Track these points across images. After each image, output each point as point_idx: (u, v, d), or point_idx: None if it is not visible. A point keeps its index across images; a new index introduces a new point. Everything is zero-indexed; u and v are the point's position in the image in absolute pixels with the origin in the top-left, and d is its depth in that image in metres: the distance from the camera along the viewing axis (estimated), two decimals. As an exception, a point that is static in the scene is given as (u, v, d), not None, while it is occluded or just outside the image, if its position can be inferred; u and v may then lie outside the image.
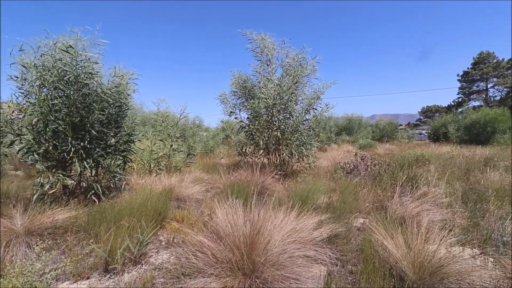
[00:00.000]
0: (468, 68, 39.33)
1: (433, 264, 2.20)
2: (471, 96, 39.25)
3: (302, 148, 6.95)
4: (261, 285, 2.10)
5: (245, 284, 2.11)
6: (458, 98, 40.51)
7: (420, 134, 33.02)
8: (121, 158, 4.95)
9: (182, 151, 7.52)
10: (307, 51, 7.21)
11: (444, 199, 4.08)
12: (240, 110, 7.81)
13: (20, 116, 4.07)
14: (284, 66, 7.29)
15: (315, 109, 7.32)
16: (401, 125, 39.15)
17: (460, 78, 40.30)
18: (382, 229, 2.67)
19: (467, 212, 3.65)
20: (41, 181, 3.94)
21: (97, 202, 4.10)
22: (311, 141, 7.27)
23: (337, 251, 2.75)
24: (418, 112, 50.89)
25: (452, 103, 41.25)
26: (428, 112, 46.92)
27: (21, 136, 3.96)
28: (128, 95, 4.87)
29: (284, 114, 7.12)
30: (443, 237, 2.53)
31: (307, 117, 7.34)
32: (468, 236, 2.94)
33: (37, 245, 2.49)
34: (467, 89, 39.57)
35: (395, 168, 5.60)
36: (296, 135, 6.98)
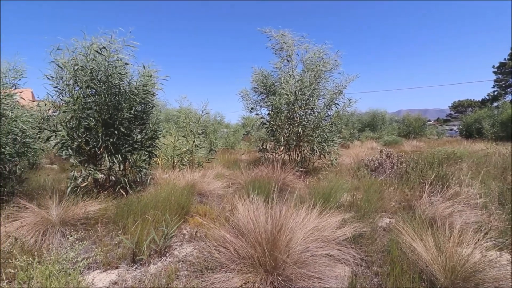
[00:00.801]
0: (505, 59, 36.32)
1: (467, 269, 2.07)
2: (508, 89, 36.29)
3: (324, 144, 6.81)
4: (283, 283, 2.09)
5: (267, 281, 2.11)
6: (494, 91, 37.65)
7: (451, 130, 31.14)
8: (146, 153, 5.14)
9: (204, 147, 7.65)
10: (328, 47, 7.03)
11: (479, 200, 3.82)
12: (261, 106, 7.80)
13: (56, 114, 4.33)
14: (305, 61, 7.15)
15: (338, 104, 7.12)
16: (429, 120, 37.23)
17: (496, 70, 37.36)
18: (411, 230, 2.56)
19: (504, 214, 3.40)
20: (75, 174, 4.19)
21: (125, 195, 4.29)
22: (333, 138, 7.10)
23: (361, 251, 2.67)
24: (449, 107, 48.20)
25: (487, 97, 38.45)
26: (460, 107, 44.20)
27: (56, 132, 4.21)
28: (154, 94, 5.01)
29: (306, 110, 6.99)
30: (478, 240, 2.38)
31: (329, 113, 7.18)
32: (506, 240, 2.74)
33: (71, 235, 2.65)
34: (503, 82, 36.59)
35: (423, 166, 5.33)
36: (317, 131, 6.85)
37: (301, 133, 6.76)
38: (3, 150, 3.90)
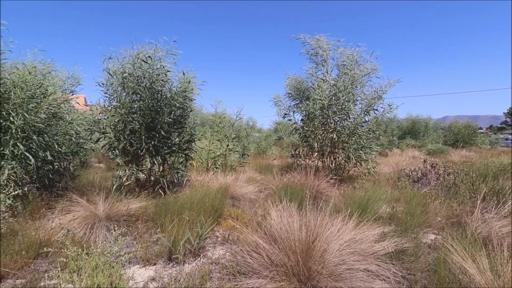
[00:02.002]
0: None
1: (531, 299, 1.82)
2: None
3: (361, 152, 6.52)
4: (317, 294, 2.02)
5: (300, 291, 2.05)
6: (562, 96, 33.12)
7: (507, 139, 27.92)
8: (183, 156, 5.37)
9: (237, 151, 7.78)
10: (362, 50, 6.76)
11: (544, 220, 3.35)
12: (294, 112, 7.74)
13: (105, 117, 4.73)
14: (340, 66, 6.96)
15: (376, 110, 6.78)
16: (481, 128, 33.93)
17: None
18: (461, 248, 2.32)
19: None
20: (119, 173, 4.51)
21: (163, 195, 4.51)
22: (370, 145, 6.77)
23: (403, 269, 2.48)
24: (504, 113, 43.58)
25: (553, 103, 33.93)
26: (518, 114, 39.61)
27: (105, 134, 4.59)
28: (192, 99, 5.22)
29: (341, 116, 6.77)
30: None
31: (367, 119, 6.86)
32: None
33: (115, 230, 2.84)
34: None
35: (475, 178, 4.83)
36: (353, 138, 6.58)
37: (336, 139, 6.54)
38: (60, 149, 4.34)
